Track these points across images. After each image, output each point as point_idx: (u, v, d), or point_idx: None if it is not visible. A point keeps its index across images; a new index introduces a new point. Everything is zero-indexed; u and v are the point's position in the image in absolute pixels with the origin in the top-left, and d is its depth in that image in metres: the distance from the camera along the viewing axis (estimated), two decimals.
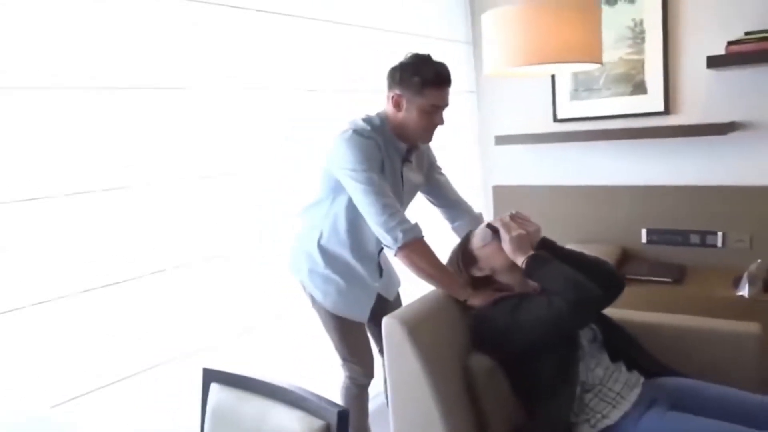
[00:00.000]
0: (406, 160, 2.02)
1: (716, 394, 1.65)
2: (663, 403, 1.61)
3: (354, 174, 1.83)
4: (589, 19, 2.17)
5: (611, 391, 1.62)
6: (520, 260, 1.68)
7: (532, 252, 1.69)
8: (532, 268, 1.66)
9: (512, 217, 1.79)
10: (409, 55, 1.93)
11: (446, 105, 1.92)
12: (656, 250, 2.92)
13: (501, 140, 3.23)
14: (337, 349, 2.12)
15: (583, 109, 3.08)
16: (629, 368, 1.73)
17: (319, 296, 2.04)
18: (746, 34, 2.50)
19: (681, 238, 2.86)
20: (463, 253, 1.86)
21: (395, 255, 1.81)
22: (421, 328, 1.63)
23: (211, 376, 1.42)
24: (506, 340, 1.64)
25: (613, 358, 1.73)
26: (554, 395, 1.57)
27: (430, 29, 3.08)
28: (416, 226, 1.82)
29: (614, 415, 1.58)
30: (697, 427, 1.49)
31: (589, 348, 1.67)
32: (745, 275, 2.41)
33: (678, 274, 2.68)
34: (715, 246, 2.78)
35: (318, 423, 1.19)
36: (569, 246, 1.85)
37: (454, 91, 1.98)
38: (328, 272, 2.02)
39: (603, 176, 3.08)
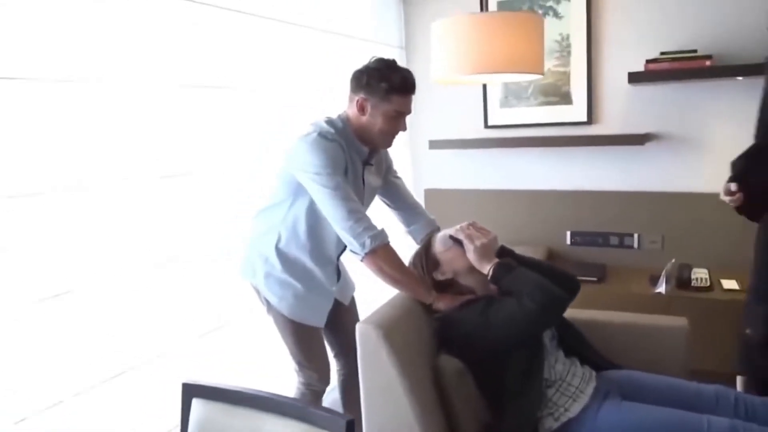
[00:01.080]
0: (367, 162, 2.03)
1: (658, 383, 1.80)
2: (616, 395, 1.73)
3: (318, 178, 1.81)
4: (533, 33, 2.29)
5: (571, 386, 1.72)
6: (486, 268, 1.75)
7: (497, 260, 1.77)
8: (499, 275, 1.72)
9: (471, 226, 1.86)
10: (374, 59, 1.94)
11: (409, 112, 1.96)
12: (579, 251, 3.13)
13: (434, 144, 3.32)
14: (292, 354, 2.08)
15: (513, 116, 3.23)
16: (581, 363, 1.85)
17: (275, 301, 2.00)
18: (661, 53, 2.74)
19: (602, 240, 3.08)
20: (426, 257, 1.90)
21: (362, 260, 1.82)
22: (394, 331, 1.65)
23: (192, 391, 1.35)
24: (476, 342, 1.70)
25: (567, 354, 1.84)
26: (522, 393, 1.65)
27: (363, 32, 3.10)
28: (383, 231, 1.84)
29: (575, 408, 1.68)
30: (649, 414, 1.63)
31: (549, 345, 1.77)
32: (663, 274, 2.65)
33: (600, 273, 2.89)
34: (631, 247, 3.02)
35: None
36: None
37: None
38: (285, 276, 1.98)
39: (531, 181, 3.24)
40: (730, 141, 2.80)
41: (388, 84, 1.86)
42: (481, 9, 3.14)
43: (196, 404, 1.34)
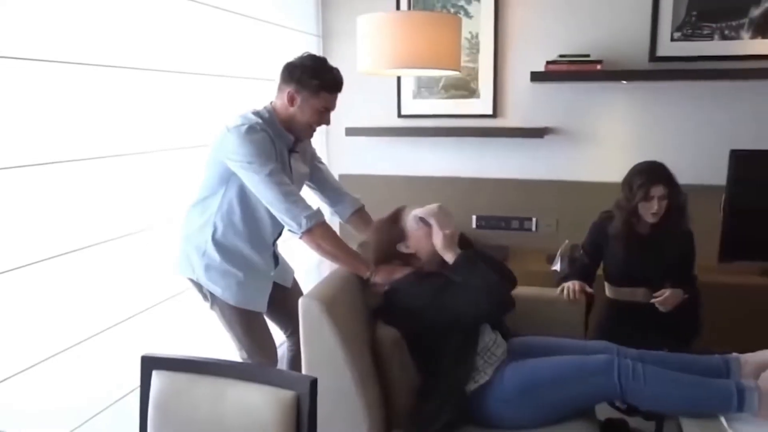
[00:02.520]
0: (293, 150, 2.13)
1: (554, 342, 2.06)
2: (518, 356, 1.96)
3: (251, 166, 1.90)
4: (452, 32, 2.49)
5: (494, 355, 1.92)
6: (449, 256, 1.90)
7: (460, 251, 1.92)
8: (460, 266, 1.88)
9: (440, 210, 1.98)
10: (305, 55, 2.05)
11: (334, 108, 2.10)
12: (484, 233, 3.39)
13: (351, 132, 3.45)
14: (241, 343, 2.14)
15: (424, 107, 3.43)
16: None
17: (218, 291, 2.06)
18: (560, 56, 3.04)
19: (504, 224, 3.36)
20: (392, 228, 2.03)
21: (300, 238, 1.93)
22: (335, 304, 1.77)
23: (151, 364, 1.40)
24: (422, 317, 1.85)
25: (492, 328, 2.04)
26: (456, 364, 1.83)
27: (279, 17, 3.13)
28: (318, 211, 1.95)
29: (490, 371, 1.88)
30: (541, 362, 1.86)
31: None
32: (558, 253, 2.96)
33: (504, 254, 3.18)
34: (530, 230, 3.33)
35: (287, 394, 1.27)
36: None
37: None
38: (226, 266, 2.05)
39: (440, 168, 3.46)
40: (615, 137, 3.18)
41: (319, 81, 1.99)
42: (397, 5, 3.31)
43: (157, 376, 1.39)
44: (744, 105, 2.98)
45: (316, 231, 1.93)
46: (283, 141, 2.06)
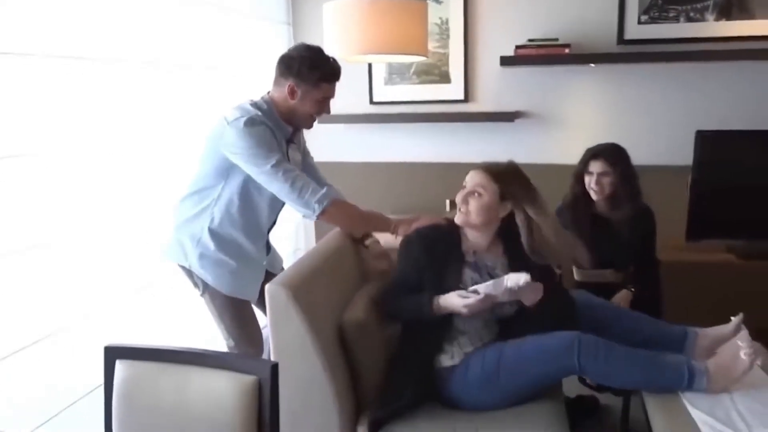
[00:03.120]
0: (291, 141, 2.14)
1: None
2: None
3: (255, 159, 1.91)
4: (418, 18, 2.49)
5: (481, 339, 1.91)
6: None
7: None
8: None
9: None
10: (300, 46, 2.05)
11: (334, 96, 2.10)
12: None
13: (323, 119, 3.42)
14: (228, 332, 2.15)
15: (396, 93, 3.43)
16: None
17: (211, 280, 2.07)
18: (529, 40, 3.06)
19: None
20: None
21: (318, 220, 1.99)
22: (302, 290, 1.77)
23: (115, 354, 1.40)
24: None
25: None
26: (424, 338, 1.86)
27: (248, 6, 3.11)
28: (327, 190, 1.97)
29: (461, 355, 1.88)
30: (509, 349, 1.82)
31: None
32: None
33: None
34: None
35: (249, 378, 1.29)
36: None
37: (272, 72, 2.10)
38: (219, 255, 2.06)
39: (413, 154, 3.48)
40: (584, 120, 3.21)
41: (320, 72, 1.99)
42: None
43: (121, 366, 1.39)
44: (709, 86, 3.03)
45: (330, 211, 1.97)
46: (282, 132, 2.07)
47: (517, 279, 1.73)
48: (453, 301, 1.79)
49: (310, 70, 1.99)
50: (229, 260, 2.07)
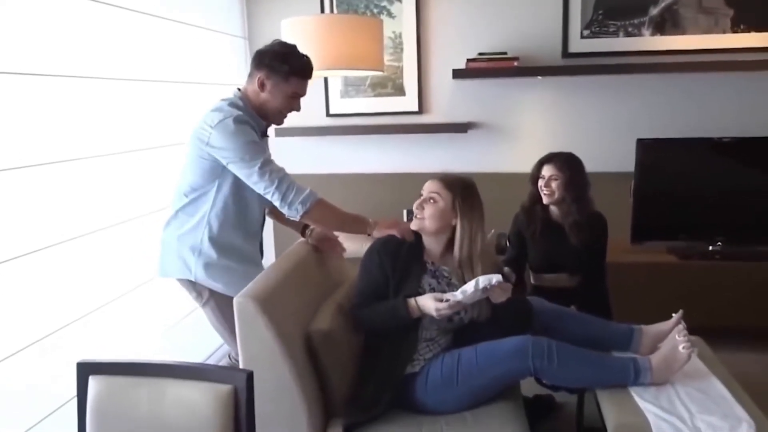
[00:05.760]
0: (264, 134, 2.16)
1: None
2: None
3: (242, 160, 1.93)
4: (374, 34, 2.58)
5: (439, 345, 1.99)
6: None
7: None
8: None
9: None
10: (275, 42, 2.09)
11: (305, 94, 2.13)
12: None
13: (280, 132, 3.48)
14: (234, 338, 2.11)
15: (352, 106, 3.50)
16: None
17: (221, 288, 2.07)
18: (479, 54, 3.18)
19: None
20: None
21: (299, 219, 2.03)
22: (269, 302, 1.80)
23: (88, 370, 1.41)
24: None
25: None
26: (401, 345, 1.92)
27: (204, 21, 3.11)
28: (311, 192, 2.01)
29: (423, 361, 1.96)
30: (465, 353, 1.89)
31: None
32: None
33: None
34: None
35: (224, 387, 1.32)
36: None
37: (227, 85, 2.13)
38: (225, 262, 2.07)
39: (370, 166, 3.55)
40: (533, 130, 3.35)
41: (290, 67, 2.03)
42: (321, 6, 3.36)
43: (94, 381, 1.40)
44: (648, 97, 3.22)
45: (312, 212, 2.00)
46: (257, 125, 2.08)
47: (489, 279, 1.82)
48: (427, 303, 1.86)
49: (282, 62, 2.02)
50: (235, 264, 2.08)
